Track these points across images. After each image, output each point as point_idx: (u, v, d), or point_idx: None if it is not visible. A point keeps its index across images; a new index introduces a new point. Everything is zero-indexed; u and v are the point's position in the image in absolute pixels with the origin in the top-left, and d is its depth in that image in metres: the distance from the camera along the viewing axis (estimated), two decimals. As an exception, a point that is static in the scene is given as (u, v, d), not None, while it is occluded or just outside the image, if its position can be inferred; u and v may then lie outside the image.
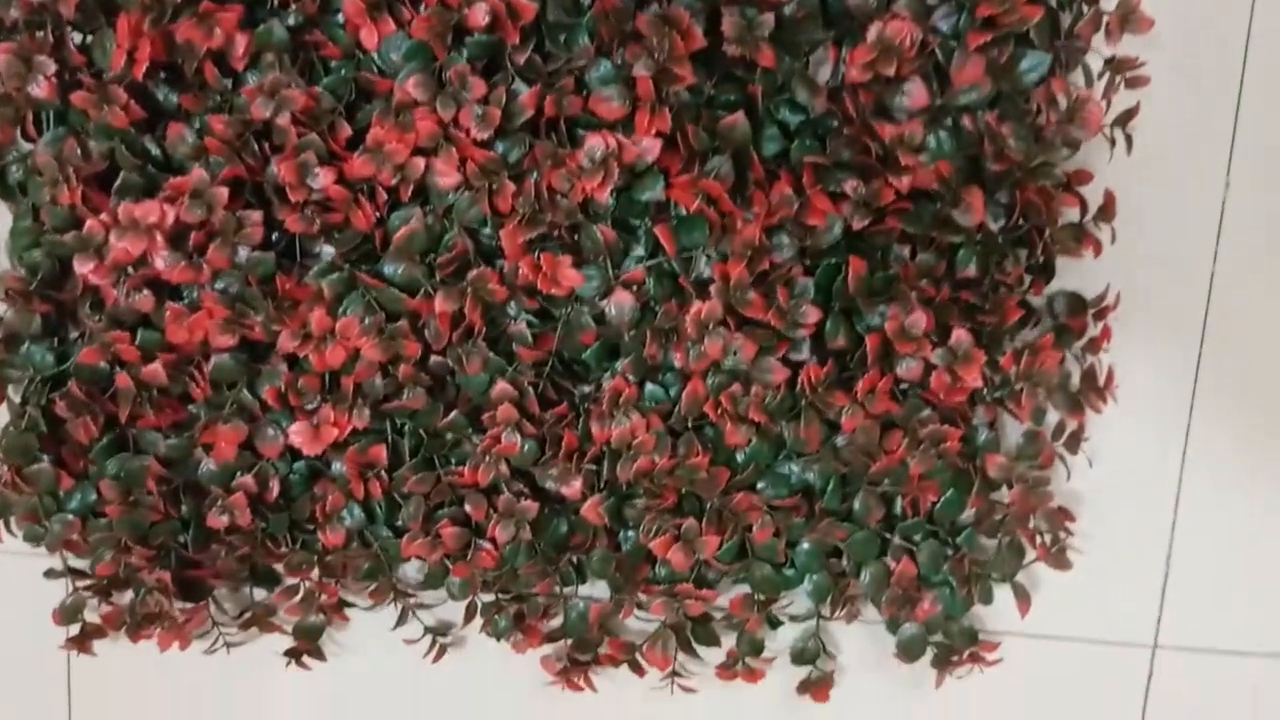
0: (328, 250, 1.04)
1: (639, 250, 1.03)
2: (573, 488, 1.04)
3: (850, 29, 0.96)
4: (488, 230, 1.02)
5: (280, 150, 1.00)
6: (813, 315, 0.99)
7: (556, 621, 1.13)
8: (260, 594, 1.16)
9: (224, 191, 0.99)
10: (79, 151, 1.00)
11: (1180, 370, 1.06)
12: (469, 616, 1.12)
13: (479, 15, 0.95)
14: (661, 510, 1.04)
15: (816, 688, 1.11)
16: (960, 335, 0.98)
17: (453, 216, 1.01)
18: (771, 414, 1.01)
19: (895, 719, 1.15)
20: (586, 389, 1.06)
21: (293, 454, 1.08)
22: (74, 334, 1.09)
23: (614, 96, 0.97)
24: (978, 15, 0.92)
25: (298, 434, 1.04)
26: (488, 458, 1.04)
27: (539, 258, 1.00)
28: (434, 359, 1.04)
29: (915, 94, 0.95)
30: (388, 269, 1.02)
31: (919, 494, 1.04)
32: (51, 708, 1.22)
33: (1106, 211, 1.01)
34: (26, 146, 1.04)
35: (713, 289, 0.99)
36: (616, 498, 1.06)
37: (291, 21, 0.98)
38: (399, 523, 1.09)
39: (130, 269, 1.02)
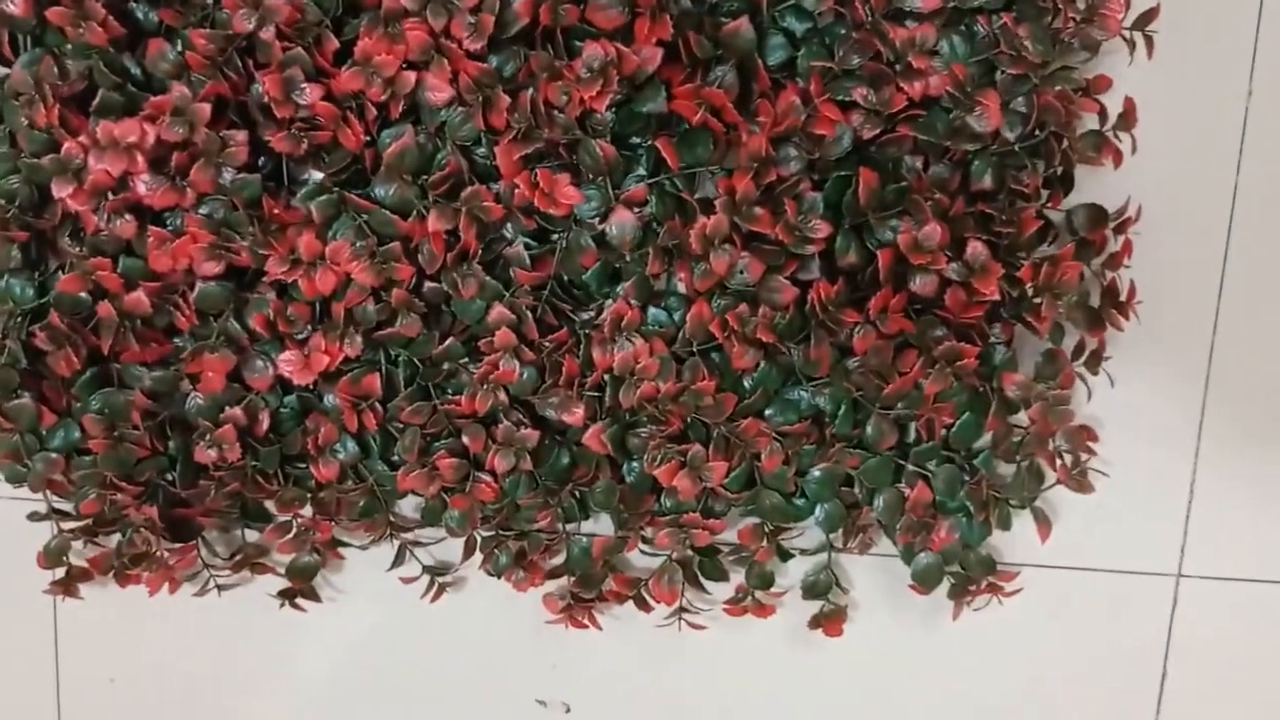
0: (315, 175, 1.00)
1: (638, 170, 0.98)
2: (575, 415, 1.00)
3: (859, -73, 0.91)
4: (482, 149, 0.98)
5: (265, 67, 0.96)
6: (823, 230, 0.95)
7: (558, 559, 1.10)
8: (251, 535, 1.12)
9: (206, 108, 0.94)
10: (55, 71, 0.96)
11: (1203, 287, 1.03)
12: (468, 552, 1.08)
13: (469, -82, 0.90)
14: (666, 437, 1.00)
15: (829, 622, 1.08)
16: (976, 248, 0.94)
17: (445, 134, 0.97)
18: (780, 335, 0.97)
19: (910, 653, 1.11)
20: (586, 314, 1.02)
21: (284, 387, 1.05)
22: (54, 266, 1.05)
23: (613, 4, 0.93)
24: (992, -90, 0.88)
25: (288, 363, 1.00)
26: (485, 385, 1.01)
27: (536, 175, 0.95)
28: (428, 286, 1.01)
29: (927, -3, 0.91)
30: (378, 190, 0.98)
31: (935, 416, 1.00)
32: (38, 655, 1.18)
33: (1127, 119, 0.98)
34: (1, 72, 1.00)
35: (718, 203, 0.95)
36: (620, 426, 1.02)
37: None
38: (394, 457, 1.05)
39: (110, 193, 0.98)
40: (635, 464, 1.04)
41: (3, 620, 1.18)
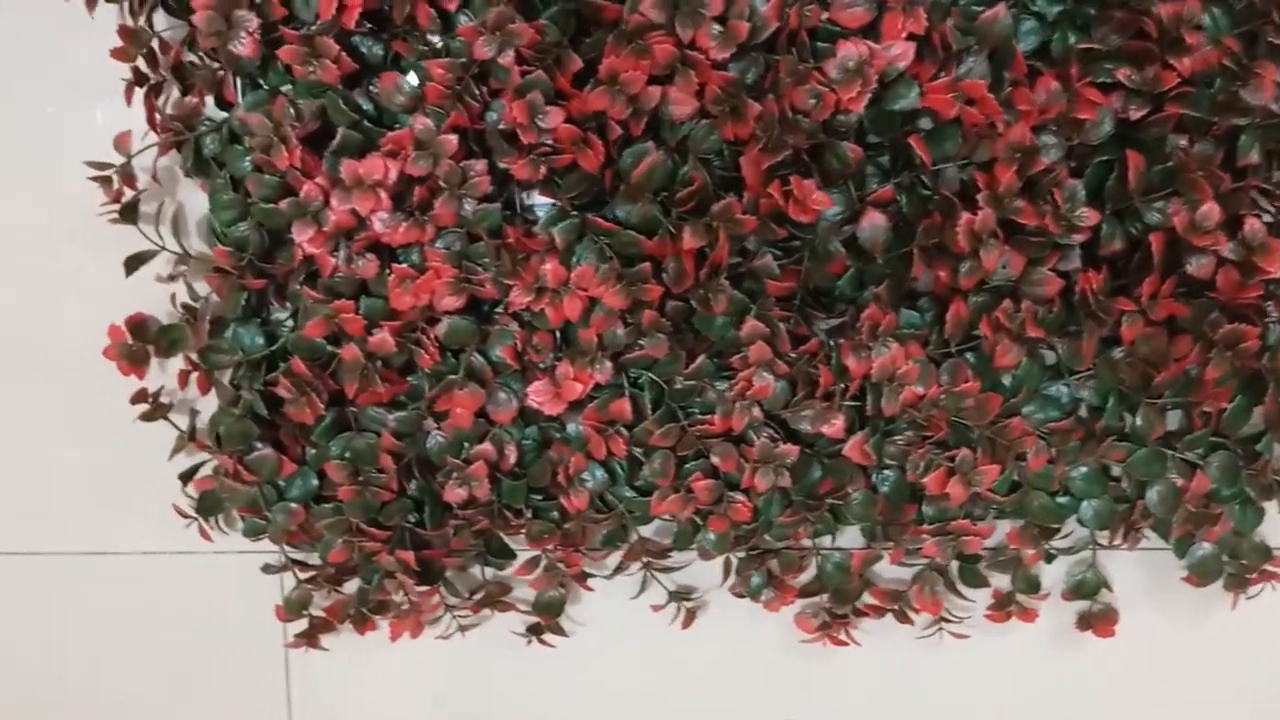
0: (541, 199, 0.98)
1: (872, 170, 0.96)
2: (834, 427, 0.98)
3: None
4: (716, 161, 0.96)
5: (498, 93, 0.94)
6: (1091, 217, 0.92)
7: (806, 575, 1.07)
8: (488, 571, 1.09)
9: (452, 140, 0.92)
10: (292, 112, 0.94)
11: None
12: (726, 574, 1.05)
13: (714, -74, 0.88)
14: (933, 444, 0.97)
15: (1099, 622, 1.05)
16: (1254, 224, 0.91)
17: (688, 148, 0.94)
18: (1048, 329, 0.94)
19: (1181, 648, 1.08)
20: (831, 322, 0.99)
21: (523, 418, 1.02)
22: (277, 312, 1.03)
23: (861, 1, 0.90)
24: None
25: (538, 394, 0.98)
26: (739, 403, 0.98)
27: (789, 182, 0.93)
28: (670, 304, 0.98)
29: (1193, -38, 0.88)
30: (620, 210, 0.96)
31: (1212, 401, 0.96)
32: (272, 710, 1.16)
33: (1392, 81, 0.94)
34: (215, 116, 0.98)
35: (981, 197, 0.92)
36: (878, 435, 0.99)
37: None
38: (639, 482, 1.02)
39: (350, 234, 0.96)
40: (889, 472, 1.01)
41: (234, 677, 1.15)
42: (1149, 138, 0.93)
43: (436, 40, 0.94)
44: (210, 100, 0.98)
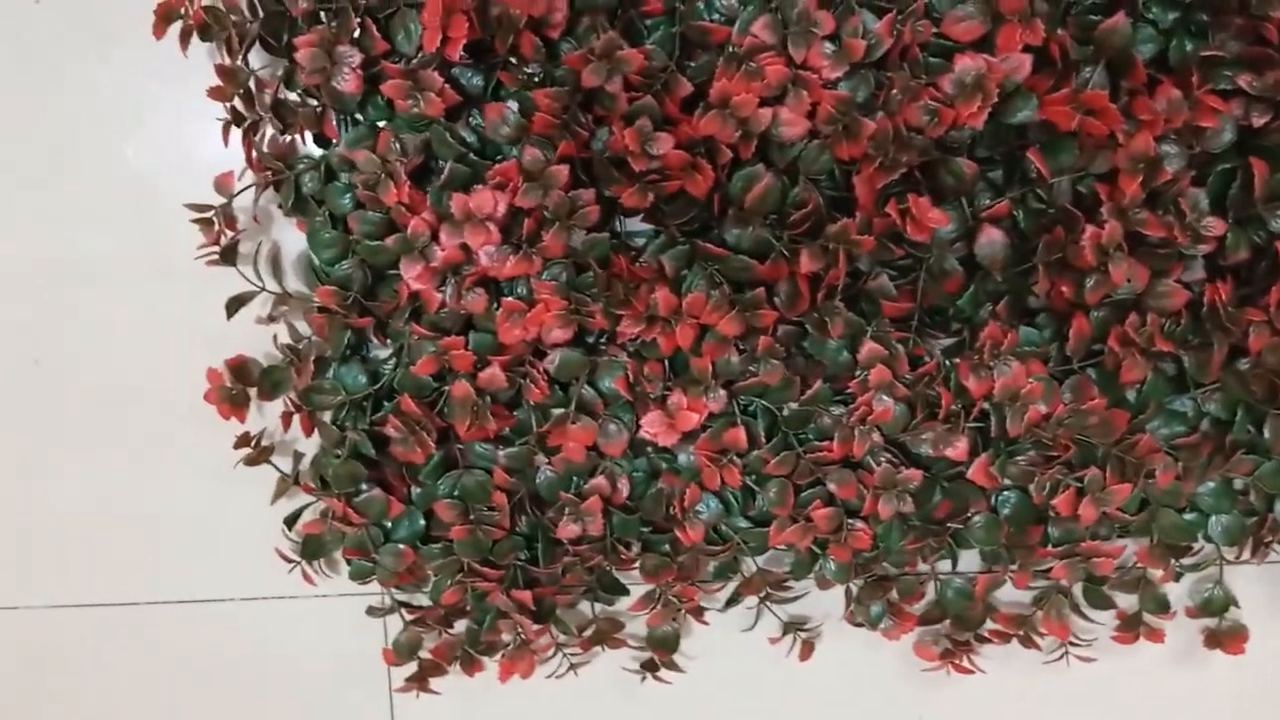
0: (638, 224, 0.96)
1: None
2: (957, 449, 0.95)
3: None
4: (826, 181, 0.94)
5: (602, 121, 0.92)
6: (1217, 227, 0.90)
7: (924, 602, 1.04)
8: (598, 606, 1.07)
9: (563, 171, 0.90)
10: (397, 147, 0.92)
11: None
12: (847, 602, 1.03)
13: (826, -56, 0.86)
14: (1060, 463, 0.95)
15: (1228, 640, 1.02)
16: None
17: (798, 169, 0.92)
18: (1175, 342, 0.92)
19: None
20: (947, 340, 0.97)
21: (633, 449, 1.00)
22: (377, 349, 1.01)
23: (973, 14, 0.88)
24: None
25: (651, 426, 0.96)
26: (859, 428, 0.96)
27: (903, 200, 0.91)
28: (780, 327, 0.96)
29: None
30: (729, 234, 0.94)
31: (1345, 411, 0.94)
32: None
33: None
34: (312, 153, 0.97)
35: (1106, 209, 0.90)
36: (1002, 456, 0.97)
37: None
38: (753, 511, 1.00)
39: (457, 268, 0.94)
40: (1010, 494, 0.99)
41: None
42: (1272, 144, 0.91)
43: (538, 69, 0.92)
44: (307, 136, 0.97)
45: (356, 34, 0.91)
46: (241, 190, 0.98)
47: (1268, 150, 0.91)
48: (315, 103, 0.95)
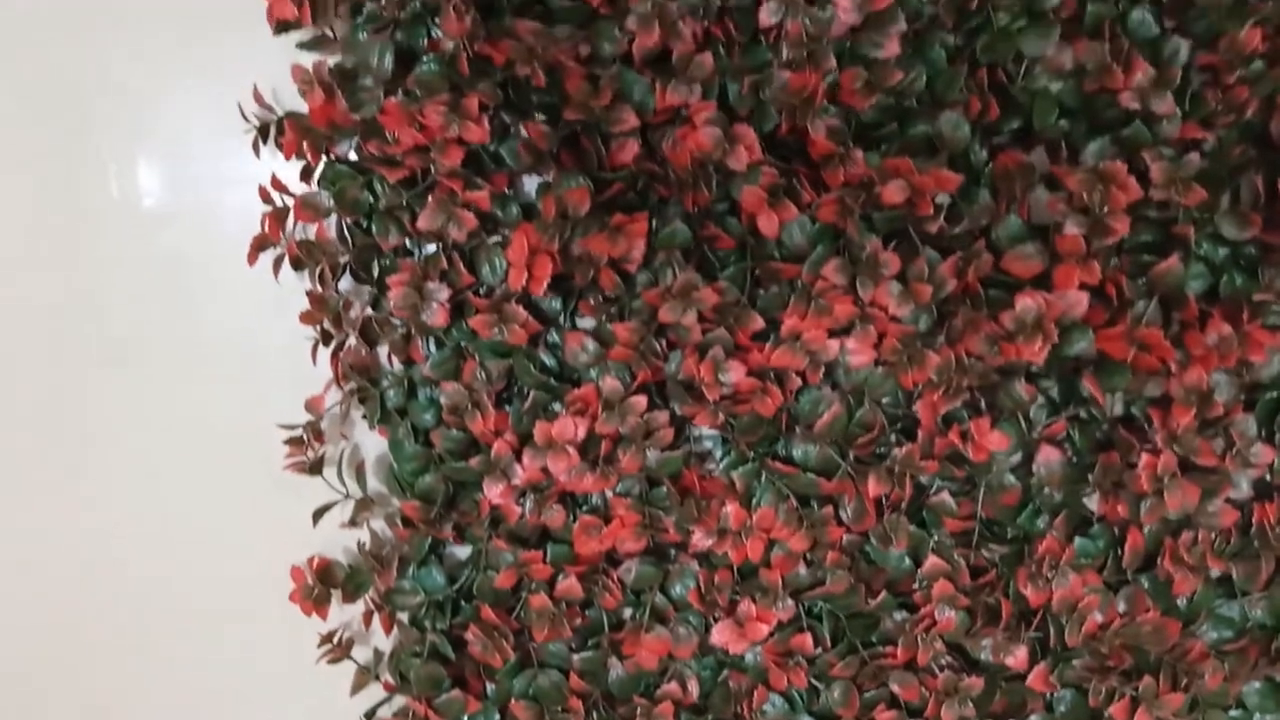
0: (708, 430, 1.00)
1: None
2: (1017, 658, 0.99)
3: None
4: (887, 399, 0.99)
5: (675, 345, 0.97)
6: (1266, 455, 0.94)
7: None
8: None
9: (641, 401, 0.95)
10: (482, 376, 0.97)
11: None
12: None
13: (894, 192, 0.91)
14: (1117, 672, 0.99)
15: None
16: None
17: (862, 392, 0.97)
18: (1225, 558, 0.96)
19: None
20: (1004, 549, 1.01)
21: (700, 648, 1.04)
22: (452, 547, 1.05)
23: (1032, 254, 0.93)
24: None
25: (722, 635, 1.00)
26: (922, 637, 1.00)
27: (968, 426, 0.95)
28: (845, 538, 1.00)
29: (1362, 216, 0.90)
30: (796, 451, 0.98)
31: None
32: None
33: None
34: (396, 367, 1.02)
35: (1159, 438, 0.94)
36: (1061, 664, 1.01)
37: (687, 215, 0.95)
38: (817, 707, 1.04)
39: (538, 486, 0.99)
40: (1065, 693, 1.03)
41: None
42: (1317, 373, 0.96)
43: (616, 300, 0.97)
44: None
45: (445, 268, 0.96)
46: (331, 408, 1.02)
47: (1313, 379, 0.95)
48: (400, 325, 1.00)
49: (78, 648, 1.17)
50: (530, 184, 0.98)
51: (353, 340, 1.02)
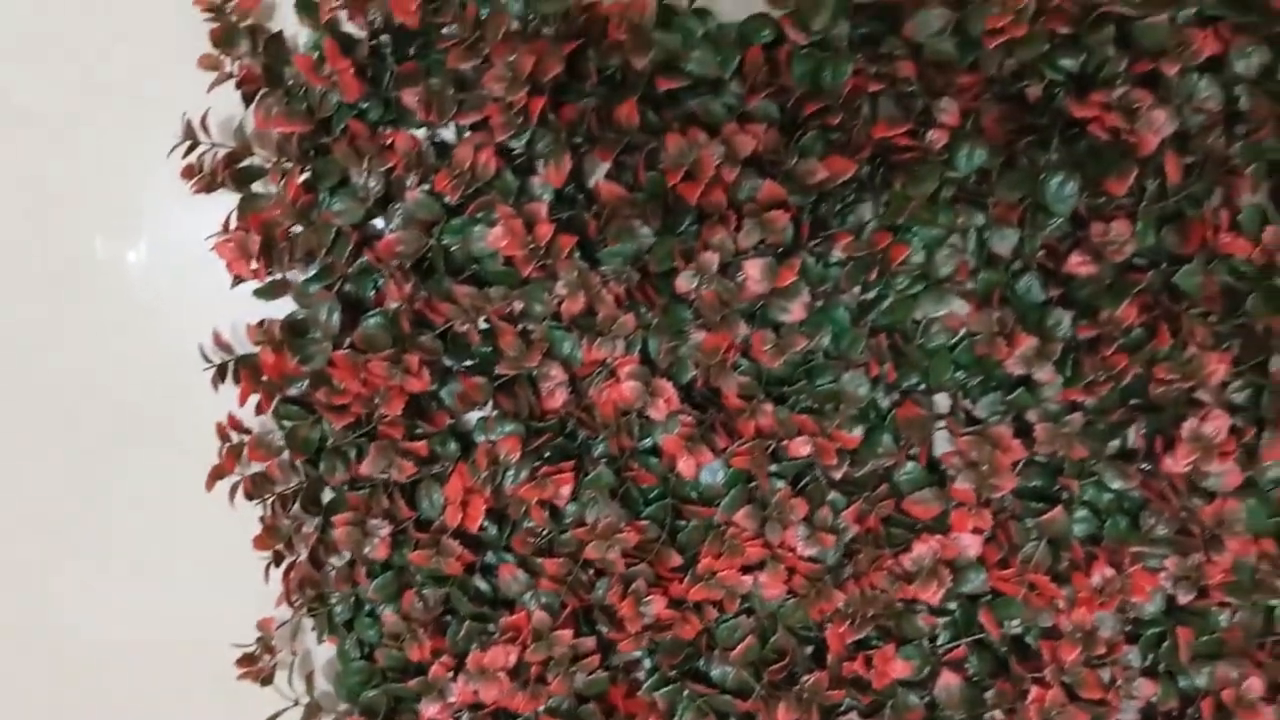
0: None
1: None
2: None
3: (1159, 422, 0.99)
4: (800, 626, 1.06)
5: (604, 574, 1.04)
6: (1148, 689, 1.01)
7: None
8: None
9: (567, 634, 1.02)
10: (420, 606, 1.04)
11: None
12: None
13: (799, 446, 0.99)
14: None
15: None
16: None
17: (777, 620, 1.04)
18: (1111, 786, 1.04)
19: None
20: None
21: None
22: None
23: (929, 499, 1.01)
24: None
25: (645, 844, 1.07)
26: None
27: (870, 657, 1.03)
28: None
29: (1230, 475, 0.98)
30: (716, 673, 1.06)
31: None
32: None
33: None
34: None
35: (1048, 672, 1.01)
36: None
37: (612, 458, 1.03)
38: None
39: (473, 705, 1.06)
40: None
41: None
42: (1198, 609, 1.03)
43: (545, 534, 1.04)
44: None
45: (386, 505, 1.03)
46: (281, 625, 1.10)
47: (1193, 614, 1.03)
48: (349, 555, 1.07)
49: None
50: (472, 415, 1.05)
51: (304, 557, 1.09)
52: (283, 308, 1.03)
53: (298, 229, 1.02)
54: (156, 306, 1.10)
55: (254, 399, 1.06)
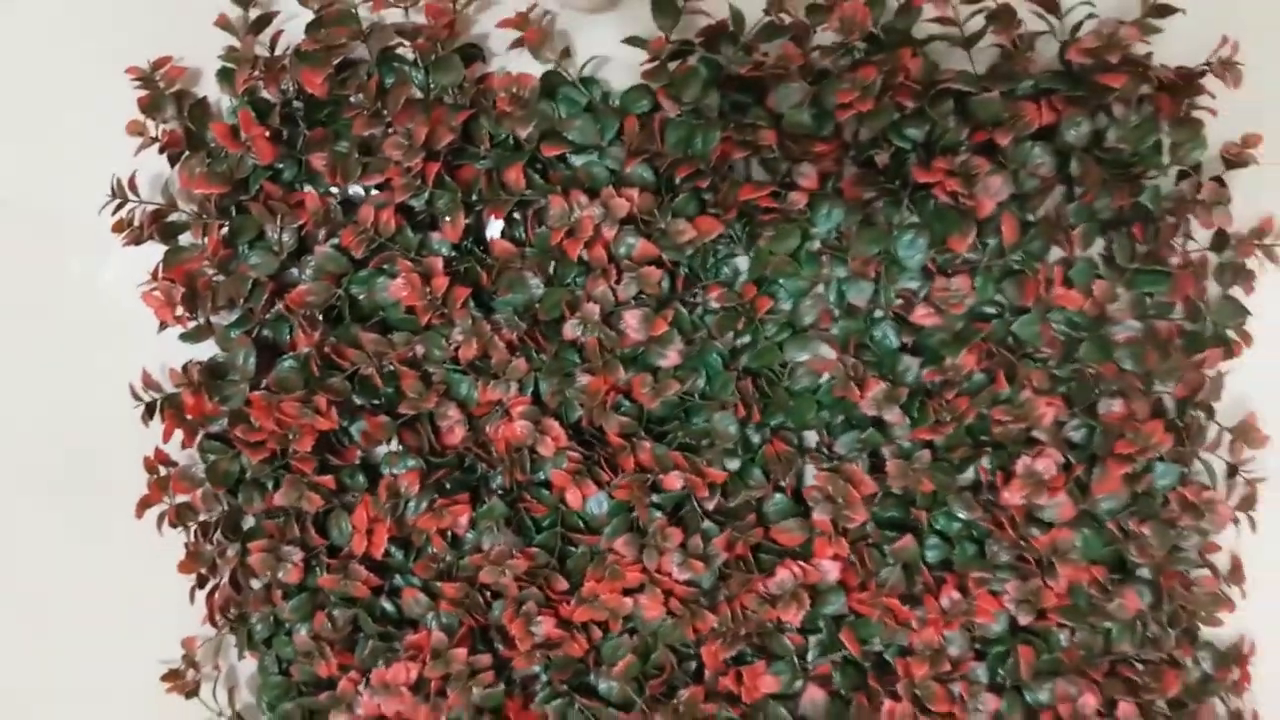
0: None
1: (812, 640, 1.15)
2: None
3: (1001, 459, 1.09)
4: (681, 644, 1.15)
5: (500, 596, 1.14)
6: (991, 703, 1.11)
7: None
8: None
9: (462, 652, 1.12)
10: (329, 625, 1.13)
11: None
12: None
13: (673, 480, 1.08)
14: None
15: None
16: (1127, 709, 1.10)
17: (657, 638, 1.14)
18: (960, 794, 1.13)
19: None
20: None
21: None
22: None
23: (794, 528, 1.10)
24: (1115, 450, 1.05)
25: (537, 847, 1.16)
26: None
27: (740, 673, 1.12)
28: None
29: (1063, 508, 1.08)
30: (602, 686, 1.15)
31: None
32: None
33: (1236, 574, 1.14)
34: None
35: (900, 686, 1.11)
36: None
37: (506, 490, 1.12)
38: None
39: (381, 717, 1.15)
40: None
41: None
42: (1039, 630, 1.13)
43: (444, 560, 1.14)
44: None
45: (298, 534, 1.12)
46: (204, 644, 1.19)
47: (1035, 634, 1.12)
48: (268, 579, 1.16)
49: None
50: (379, 450, 1.15)
51: (225, 580, 1.18)
52: (209, 349, 1.12)
53: (219, 279, 1.11)
54: (94, 347, 1.19)
55: (179, 435, 1.14)
